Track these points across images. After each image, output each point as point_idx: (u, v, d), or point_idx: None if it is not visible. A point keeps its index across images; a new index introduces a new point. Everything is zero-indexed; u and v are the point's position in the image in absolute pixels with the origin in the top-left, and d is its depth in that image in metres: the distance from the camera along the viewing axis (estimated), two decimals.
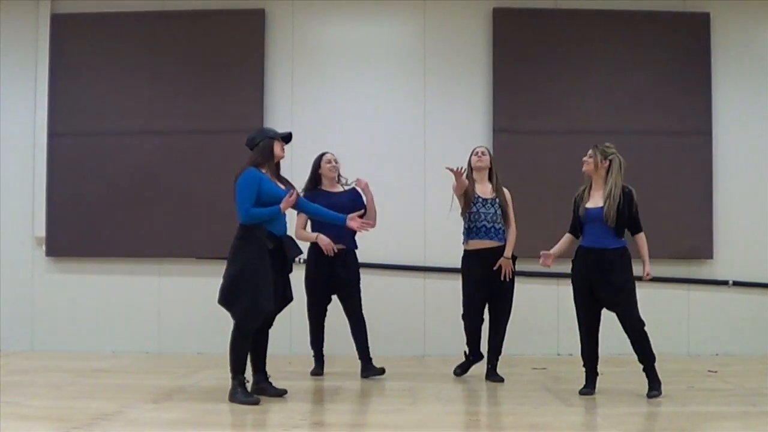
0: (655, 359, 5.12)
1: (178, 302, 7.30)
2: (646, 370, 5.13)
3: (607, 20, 7.37)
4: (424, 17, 7.47)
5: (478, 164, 5.90)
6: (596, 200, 5.17)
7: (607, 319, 5.25)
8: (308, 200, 5.63)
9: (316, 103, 7.42)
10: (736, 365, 6.60)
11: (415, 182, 7.30)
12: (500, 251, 5.79)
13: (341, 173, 6.10)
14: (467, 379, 5.82)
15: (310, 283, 5.97)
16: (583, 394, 5.17)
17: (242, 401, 4.77)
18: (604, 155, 5.16)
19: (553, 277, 7.29)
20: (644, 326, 5.09)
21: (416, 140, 7.35)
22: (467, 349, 5.90)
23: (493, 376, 5.79)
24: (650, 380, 5.11)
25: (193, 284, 7.20)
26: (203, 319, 6.95)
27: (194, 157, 7.29)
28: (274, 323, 5.11)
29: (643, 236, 5.22)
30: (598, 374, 5.26)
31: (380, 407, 4.90)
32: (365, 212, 5.57)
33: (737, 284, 7.29)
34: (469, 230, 5.83)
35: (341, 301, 6.00)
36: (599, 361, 5.26)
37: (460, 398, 5.20)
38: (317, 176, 6.04)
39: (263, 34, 7.41)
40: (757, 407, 4.77)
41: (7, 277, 7.43)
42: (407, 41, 7.48)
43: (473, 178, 5.89)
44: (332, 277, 5.91)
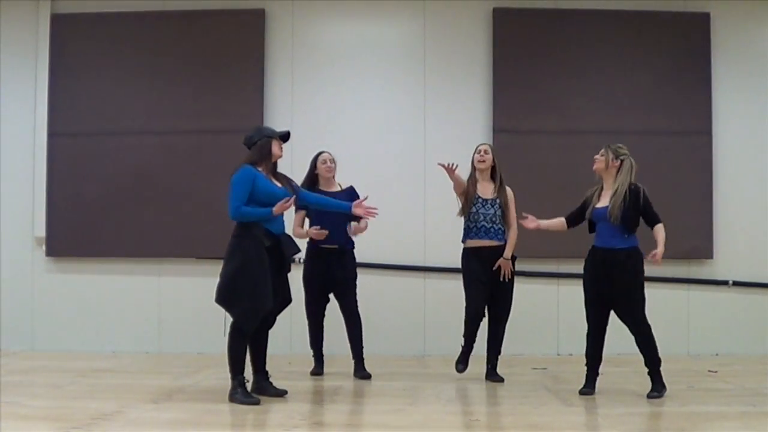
0: (660, 363, 5.12)
1: (178, 302, 7.30)
2: (651, 374, 5.12)
3: (607, 20, 7.37)
4: (424, 17, 7.47)
5: (480, 165, 5.84)
6: (605, 200, 5.17)
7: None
8: (305, 205, 5.66)
9: (316, 102, 7.42)
10: (736, 365, 6.60)
11: (415, 182, 7.30)
12: (499, 251, 5.76)
13: (338, 173, 6.10)
14: (467, 379, 5.82)
15: (307, 281, 5.98)
16: (583, 394, 5.17)
17: (242, 401, 4.76)
18: (615, 155, 5.17)
19: (553, 277, 7.31)
20: (649, 329, 5.08)
21: (416, 140, 7.35)
22: (463, 340, 5.78)
23: (493, 376, 5.79)
24: (654, 383, 5.11)
25: (193, 284, 7.20)
26: (203, 319, 6.94)
27: (194, 157, 7.29)
28: (274, 324, 5.11)
29: (660, 227, 5.13)
30: (598, 374, 5.26)
31: (380, 407, 4.90)
32: (366, 198, 5.51)
33: (737, 284, 7.29)
34: (468, 230, 5.81)
35: (337, 299, 6.01)
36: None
37: (460, 398, 5.20)
38: (314, 175, 6.04)
39: (263, 34, 7.41)
40: (757, 407, 4.77)
41: (7, 277, 7.43)
42: (407, 41, 7.48)
43: (476, 177, 5.85)
44: (329, 275, 5.92)
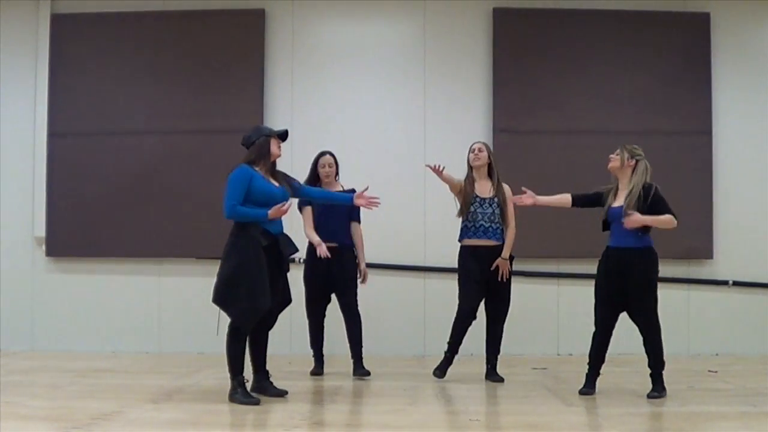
0: (664, 366, 5.11)
1: (178, 302, 7.30)
2: (653, 375, 5.12)
3: (607, 20, 7.37)
4: (424, 17, 7.47)
5: (475, 162, 5.81)
6: (620, 200, 5.15)
7: None
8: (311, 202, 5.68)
9: (316, 102, 7.43)
10: (736, 365, 6.61)
11: (415, 182, 7.30)
12: (497, 250, 5.74)
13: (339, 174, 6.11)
14: (467, 379, 5.82)
15: (307, 281, 5.99)
16: (582, 393, 5.16)
17: (242, 401, 4.76)
18: (631, 154, 5.16)
19: (553, 277, 7.31)
20: (660, 330, 5.08)
21: (416, 140, 7.35)
22: (447, 345, 5.75)
23: (493, 376, 5.78)
24: (655, 383, 5.11)
25: (193, 284, 7.20)
26: (203, 319, 6.91)
27: (194, 157, 7.28)
28: (274, 324, 5.11)
29: (669, 216, 5.04)
30: (599, 374, 5.26)
31: (380, 407, 4.89)
32: (367, 188, 5.51)
33: (737, 284, 7.29)
34: (466, 229, 5.79)
35: (338, 297, 6.01)
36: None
37: (460, 398, 5.20)
38: (316, 176, 6.05)
39: (263, 34, 7.41)
40: (757, 407, 4.77)
41: (7, 277, 7.43)
42: (407, 41, 7.48)
43: (473, 176, 5.84)
44: (329, 274, 5.91)
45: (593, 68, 7.36)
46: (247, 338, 4.90)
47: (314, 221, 5.91)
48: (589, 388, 5.19)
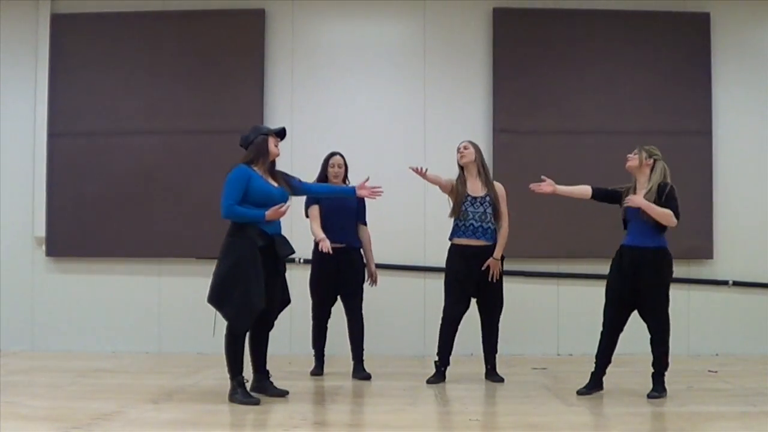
0: (667, 367, 5.12)
1: (178, 302, 7.30)
2: (654, 375, 5.12)
3: (607, 20, 7.37)
4: (424, 17, 7.47)
5: (462, 161, 5.78)
6: None
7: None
8: (321, 198, 5.70)
9: (316, 102, 7.42)
10: (736, 365, 6.61)
11: (415, 182, 7.20)
12: (487, 251, 5.67)
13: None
14: (467, 379, 5.82)
15: (315, 285, 5.94)
16: (580, 393, 5.16)
17: (242, 401, 4.76)
18: (648, 154, 5.16)
19: (553, 277, 7.30)
20: (668, 331, 5.09)
21: (416, 140, 7.34)
22: (437, 357, 5.71)
23: (493, 376, 5.78)
24: (655, 384, 5.11)
25: (193, 284, 7.18)
26: (203, 319, 6.89)
27: (194, 157, 7.28)
28: (274, 325, 5.11)
29: (669, 210, 5.01)
30: (604, 374, 5.22)
31: (380, 407, 4.90)
32: (368, 179, 5.51)
33: (737, 284, 7.29)
34: (456, 228, 5.74)
35: (343, 299, 5.99)
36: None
37: (459, 398, 5.20)
38: (325, 177, 6.02)
39: (263, 34, 7.40)
40: (757, 407, 4.77)
41: (7, 277, 7.43)
42: (407, 41, 7.48)
43: (464, 176, 5.78)
44: (339, 277, 5.89)
45: (593, 68, 7.35)
46: (246, 338, 4.91)
47: (321, 222, 5.85)
48: (589, 388, 5.19)
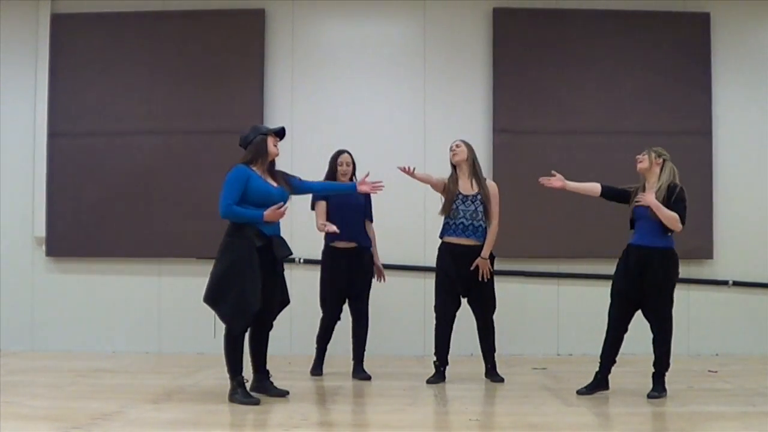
0: (668, 368, 5.12)
1: (178, 302, 7.29)
2: (655, 375, 5.13)
3: (607, 20, 7.37)
4: (424, 17, 7.47)
5: (454, 159, 5.77)
6: None
7: (606, 317, 5.26)
8: (328, 196, 5.72)
9: (315, 102, 7.42)
10: (736, 365, 6.60)
11: (415, 182, 7.24)
12: (478, 250, 5.65)
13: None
14: (467, 379, 5.82)
15: (328, 286, 5.90)
16: (581, 393, 5.16)
17: (242, 401, 4.76)
18: (657, 154, 5.17)
19: (553, 277, 7.30)
20: (671, 331, 5.09)
21: (416, 140, 7.35)
22: (435, 357, 5.72)
23: (493, 376, 5.78)
24: (656, 384, 5.11)
25: (193, 284, 7.11)
26: (203, 319, 6.90)
27: (194, 157, 7.28)
28: (273, 325, 5.10)
29: (676, 214, 4.99)
30: (609, 373, 5.20)
31: (380, 407, 4.90)
32: (368, 174, 5.50)
33: (737, 284, 7.29)
34: (446, 226, 5.73)
35: (350, 300, 5.98)
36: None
37: (459, 398, 5.20)
38: (334, 175, 6.01)
39: (263, 34, 7.41)
40: (757, 407, 4.77)
41: (7, 277, 7.43)
42: (407, 41, 7.48)
43: (456, 175, 5.77)
44: (350, 278, 5.89)
45: (593, 68, 7.35)
46: (245, 338, 4.91)
47: (330, 220, 5.79)
48: (590, 388, 5.18)
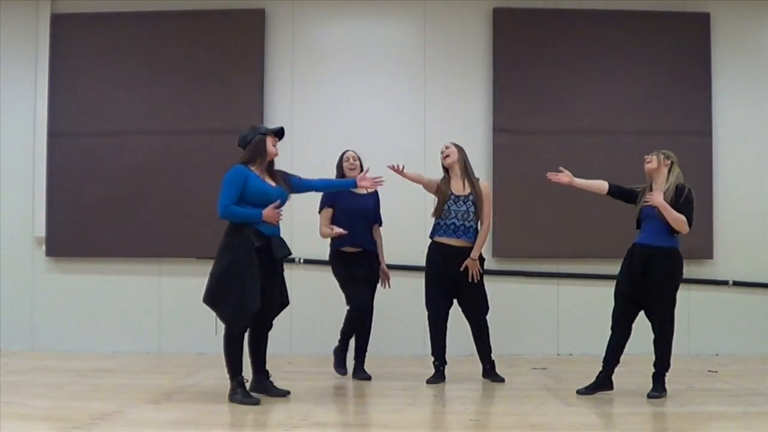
0: (668, 368, 5.13)
1: (178, 302, 7.29)
2: (655, 375, 5.13)
3: (607, 20, 7.37)
4: (424, 17, 7.47)
5: (445, 162, 5.77)
6: None
7: (608, 317, 5.26)
8: (333, 200, 5.73)
9: (315, 102, 7.42)
10: (736, 365, 6.61)
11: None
12: (468, 252, 5.66)
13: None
14: (467, 379, 5.82)
15: (346, 281, 5.88)
16: (581, 393, 5.15)
17: (242, 401, 4.76)
18: (666, 156, 5.17)
19: (553, 277, 7.30)
20: (672, 332, 5.09)
21: (416, 140, 7.34)
22: (433, 357, 5.75)
23: (492, 376, 5.77)
24: (656, 384, 5.12)
25: (193, 284, 7.10)
26: (203, 319, 6.90)
27: (194, 157, 7.28)
28: (273, 325, 5.10)
29: (684, 217, 4.99)
30: (611, 374, 5.19)
31: (380, 407, 4.90)
32: (368, 170, 5.54)
33: (737, 284, 7.29)
34: (437, 226, 5.74)
35: None
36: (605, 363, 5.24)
37: (460, 398, 5.20)
38: (342, 175, 5.99)
39: (263, 34, 7.40)
40: (757, 407, 4.77)
41: (7, 277, 7.43)
42: (407, 41, 7.48)
43: (448, 176, 5.78)
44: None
45: (593, 68, 7.35)
46: (245, 339, 4.91)
47: (338, 225, 5.80)
48: (591, 388, 5.17)
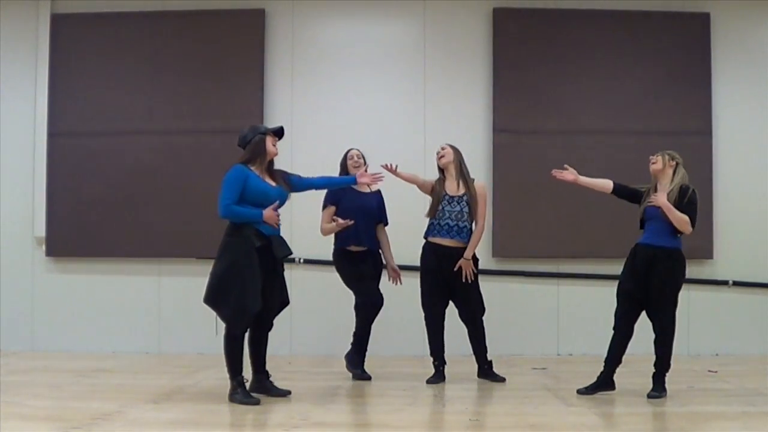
0: (668, 369, 5.13)
1: (178, 302, 7.29)
2: (655, 375, 5.13)
3: (607, 20, 7.37)
4: (424, 17, 7.47)
5: (440, 162, 5.78)
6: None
7: (608, 317, 5.26)
8: (336, 198, 5.74)
9: (316, 102, 7.42)
10: (736, 365, 6.60)
11: None
12: (461, 252, 5.65)
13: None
14: (467, 379, 5.82)
15: (353, 282, 5.89)
16: (581, 393, 5.15)
17: (242, 401, 4.76)
18: (671, 156, 5.17)
19: (553, 277, 7.30)
20: (673, 332, 5.09)
21: (416, 140, 7.33)
22: (432, 358, 5.76)
23: (492, 375, 5.77)
24: (656, 384, 5.12)
25: (193, 284, 7.10)
26: (203, 319, 6.90)
27: (194, 157, 7.28)
28: (273, 325, 5.10)
29: (687, 217, 5.00)
30: (613, 374, 5.18)
31: (380, 407, 4.90)
32: (367, 167, 5.58)
33: (737, 284, 7.29)
34: (431, 226, 5.75)
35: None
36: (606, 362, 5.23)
37: (459, 398, 5.20)
38: (347, 172, 5.97)
39: (263, 34, 7.40)
40: (757, 407, 4.77)
41: (7, 277, 7.42)
42: (407, 41, 7.48)
43: (443, 177, 5.79)
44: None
45: (593, 68, 7.35)
46: (245, 339, 4.91)
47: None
48: (592, 388, 5.16)
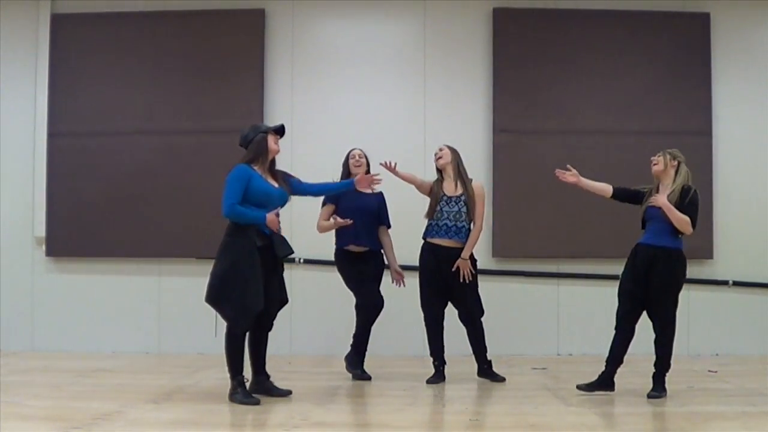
0: (669, 369, 5.13)
1: (178, 302, 7.29)
2: (655, 375, 5.13)
3: (607, 20, 7.37)
4: (424, 17, 7.47)
5: (438, 163, 5.79)
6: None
7: (608, 318, 5.25)
8: (336, 197, 5.72)
9: (315, 102, 7.42)
10: (736, 365, 6.61)
11: None
12: (460, 252, 5.66)
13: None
14: (467, 379, 5.82)
15: (353, 282, 5.90)
16: (580, 388, 5.14)
17: (242, 401, 4.76)
18: (672, 156, 5.16)
19: (553, 277, 7.30)
20: (674, 332, 5.09)
21: (416, 140, 7.33)
22: (432, 358, 5.77)
23: (492, 375, 5.77)
24: (656, 384, 5.12)
25: (193, 284, 7.13)
26: (203, 319, 6.90)
27: (194, 157, 7.28)
28: (273, 325, 5.10)
29: (687, 218, 5.00)
30: (614, 374, 5.17)
31: (380, 407, 4.90)
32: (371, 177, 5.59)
33: (737, 284, 7.29)
34: (430, 227, 5.76)
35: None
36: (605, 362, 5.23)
37: (460, 398, 5.20)
38: (348, 174, 5.98)
39: (263, 34, 7.41)
40: (757, 407, 4.77)
41: (7, 277, 7.43)
42: (407, 41, 7.48)
43: (441, 178, 5.80)
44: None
45: (593, 68, 7.35)
46: (245, 338, 4.91)
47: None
48: (591, 386, 5.15)
